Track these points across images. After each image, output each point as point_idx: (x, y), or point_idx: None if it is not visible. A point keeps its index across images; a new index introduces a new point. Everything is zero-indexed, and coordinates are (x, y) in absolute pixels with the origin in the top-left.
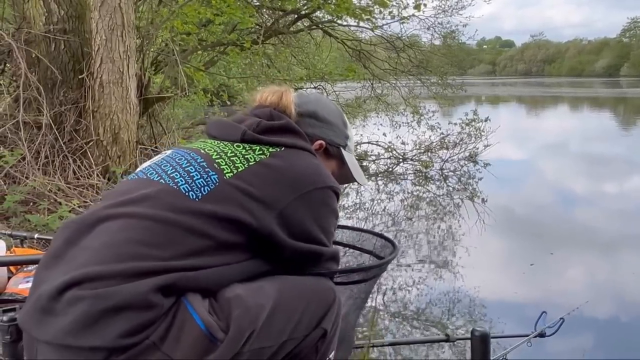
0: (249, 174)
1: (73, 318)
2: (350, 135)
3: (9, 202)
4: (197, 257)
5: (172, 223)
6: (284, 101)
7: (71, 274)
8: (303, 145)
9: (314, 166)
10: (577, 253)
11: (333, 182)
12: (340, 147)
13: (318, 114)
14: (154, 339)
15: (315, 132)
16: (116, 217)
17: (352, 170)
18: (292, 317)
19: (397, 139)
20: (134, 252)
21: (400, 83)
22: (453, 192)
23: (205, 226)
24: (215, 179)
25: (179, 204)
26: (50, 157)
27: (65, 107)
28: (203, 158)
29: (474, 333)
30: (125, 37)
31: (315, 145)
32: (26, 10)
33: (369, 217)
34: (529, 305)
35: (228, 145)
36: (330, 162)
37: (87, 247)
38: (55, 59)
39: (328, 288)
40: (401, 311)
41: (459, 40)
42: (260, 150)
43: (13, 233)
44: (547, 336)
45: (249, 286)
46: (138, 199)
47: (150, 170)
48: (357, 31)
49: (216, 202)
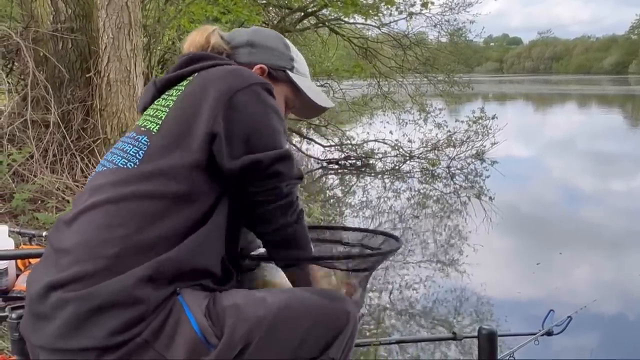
0: (172, 116)
1: (61, 322)
2: (298, 58)
3: (18, 200)
4: (161, 221)
5: (125, 197)
6: (212, 41)
7: (51, 277)
8: (217, 62)
9: (230, 71)
10: (585, 252)
11: (258, 79)
12: (287, 70)
13: (252, 41)
14: (145, 336)
15: (252, 59)
16: (82, 213)
17: (309, 95)
18: (295, 335)
19: (403, 136)
20: (104, 241)
21: (407, 81)
22: (460, 190)
23: (154, 185)
24: (146, 140)
25: (122, 178)
26: (58, 155)
27: (73, 106)
28: (134, 131)
29: (481, 331)
30: (132, 35)
31: (256, 70)
32: (34, 9)
33: (375, 215)
34: (536, 303)
35: (152, 106)
36: (280, 87)
37: (64, 249)
38: (63, 58)
39: (342, 311)
40: (408, 309)
41: (466, 37)
42: (176, 90)
43: (21, 231)
44: (554, 334)
45: (250, 296)
46: (93, 191)
47: (99, 166)
48: (364, 29)
49: (154, 159)
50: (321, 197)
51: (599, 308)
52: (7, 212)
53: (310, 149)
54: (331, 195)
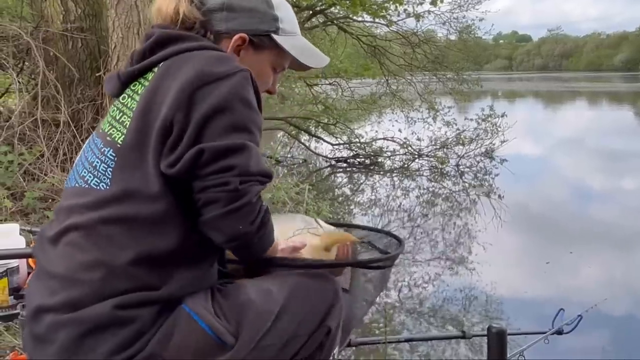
0: (134, 127)
1: (60, 345)
2: (282, 16)
3: (29, 199)
4: (139, 244)
5: (100, 221)
6: (181, 10)
7: (43, 300)
8: (187, 47)
9: (199, 64)
10: (595, 250)
11: (227, 69)
12: (270, 34)
13: (230, 3)
14: (151, 350)
15: (231, 26)
16: (62, 235)
17: (296, 56)
18: (297, 318)
19: (412, 135)
20: (84, 266)
21: (416, 79)
22: (469, 188)
23: (126, 209)
24: (112, 155)
25: (95, 201)
26: (68, 154)
27: (83, 105)
28: (100, 137)
29: (490, 330)
30: (141, 35)
31: (236, 41)
32: (44, 9)
33: (384, 213)
34: (546, 302)
35: (116, 105)
36: (265, 55)
37: (51, 272)
38: (73, 57)
39: (330, 287)
40: (417, 308)
41: (475, 35)
42: (140, 85)
43: (32, 229)
44: (564, 333)
45: (259, 288)
46: (69, 212)
47: (71, 176)
48: (372, 27)
49: (123, 178)
50: (330, 195)
51: (610, 307)
52: (18, 211)
53: (319, 147)
54: (340, 194)
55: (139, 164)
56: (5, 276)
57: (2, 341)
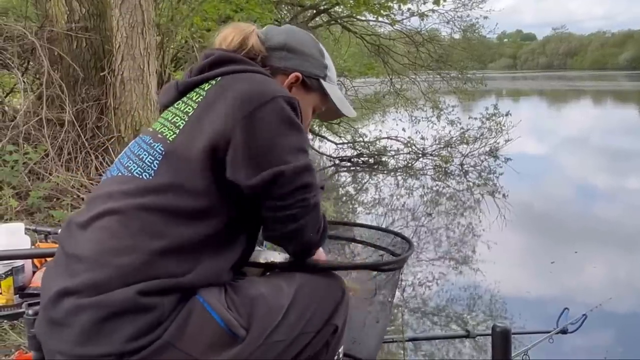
0: (189, 128)
1: (78, 329)
2: (329, 65)
3: (33, 198)
4: (173, 235)
5: (139, 208)
6: (250, 43)
7: (65, 283)
8: (244, 68)
9: (257, 82)
10: (599, 249)
11: (282, 92)
12: (320, 79)
13: (289, 45)
14: (167, 338)
15: (288, 65)
16: (95, 220)
17: (336, 103)
18: (305, 314)
19: (416, 134)
20: (115, 251)
21: (420, 78)
22: (473, 188)
23: (168, 200)
24: (161, 149)
25: (137, 188)
26: (72, 153)
27: (87, 104)
28: (149, 135)
29: (495, 329)
30: (145, 34)
31: (291, 78)
32: (48, 9)
33: (388, 212)
34: (551, 301)
35: (170, 110)
36: (311, 97)
37: (77, 255)
38: (77, 57)
39: (337, 286)
40: (421, 307)
41: (479, 33)
42: (196, 94)
43: (37, 228)
44: (569, 333)
45: (270, 284)
46: (107, 198)
47: (113, 167)
48: (376, 26)
49: (169, 171)
50: (334, 194)
51: (615, 306)
52: (23, 210)
53: (323, 146)
54: (344, 193)
55: (187, 161)
56: (10, 275)
57: (8, 340)
